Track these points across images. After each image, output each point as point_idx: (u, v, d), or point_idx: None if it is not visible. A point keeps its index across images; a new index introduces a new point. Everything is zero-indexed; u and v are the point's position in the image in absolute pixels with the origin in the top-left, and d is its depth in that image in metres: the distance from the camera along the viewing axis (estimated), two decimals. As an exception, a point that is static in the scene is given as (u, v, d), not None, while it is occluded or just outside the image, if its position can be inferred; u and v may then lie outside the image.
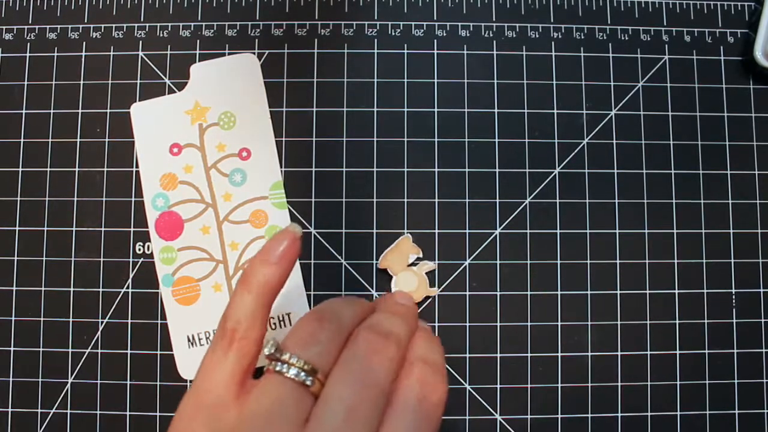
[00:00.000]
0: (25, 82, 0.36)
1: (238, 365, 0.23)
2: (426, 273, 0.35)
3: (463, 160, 0.36)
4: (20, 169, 0.36)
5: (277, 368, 0.22)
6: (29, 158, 0.36)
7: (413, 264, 0.35)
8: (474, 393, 0.34)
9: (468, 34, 0.37)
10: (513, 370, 0.35)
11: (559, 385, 0.35)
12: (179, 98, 0.36)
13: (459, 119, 0.36)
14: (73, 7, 0.37)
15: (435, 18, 0.37)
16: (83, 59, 0.36)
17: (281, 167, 0.36)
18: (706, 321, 0.35)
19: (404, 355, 0.23)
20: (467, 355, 0.35)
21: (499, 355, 0.35)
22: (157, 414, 0.34)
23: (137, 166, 0.36)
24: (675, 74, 0.37)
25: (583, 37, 0.37)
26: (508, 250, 0.35)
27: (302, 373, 0.21)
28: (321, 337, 0.22)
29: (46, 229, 0.35)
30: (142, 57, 0.36)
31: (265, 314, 0.24)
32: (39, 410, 0.34)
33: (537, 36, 0.37)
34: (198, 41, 0.37)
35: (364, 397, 0.21)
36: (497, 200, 0.36)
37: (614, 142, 0.36)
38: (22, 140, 0.36)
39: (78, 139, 0.36)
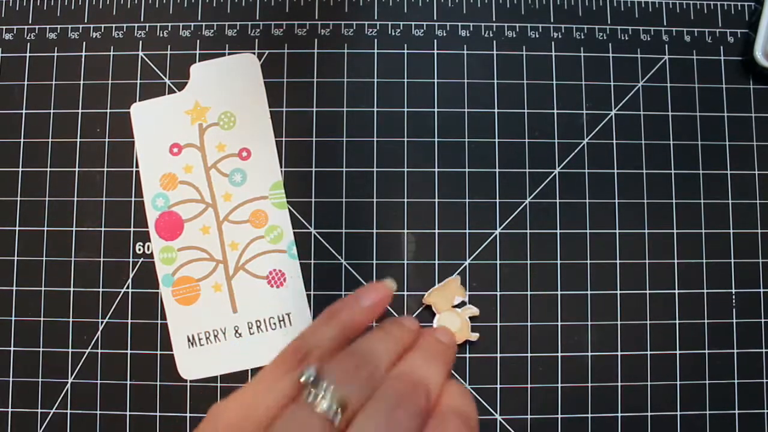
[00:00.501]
0: (25, 82, 0.36)
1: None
2: (468, 317, 0.35)
3: (463, 160, 0.36)
4: (20, 169, 0.36)
5: (309, 399, 0.22)
6: (29, 158, 0.36)
7: (458, 306, 0.35)
8: (474, 393, 0.34)
9: (468, 34, 0.37)
10: (513, 370, 0.35)
11: (559, 385, 0.34)
12: (179, 98, 0.36)
13: (459, 119, 0.36)
14: (73, 7, 0.37)
15: (435, 18, 0.37)
16: (83, 59, 0.36)
17: (281, 167, 0.36)
18: (706, 321, 0.35)
19: (434, 401, 0.24)
20: (467, 356, 0.35)
21: (499, 355, 0.35)
22: (157, 414, 0.34)
23: (137, 166, 0.36)
24: (675, 74, 0.37)
25: (583, 37, 0.37)
26: (508, 250, 0.35)
27: (333, 407, 0.21)
28: (359, 375, 0.23)
29: (46, 229, 0.35)
30: (142, 57, 0.36)
31: (339, 351, 0.24)
32: (39, 410, 0.34)
33: (537, 36, 0.37)
34: (198, 41, 0.37)
35: None
36: (497, 200, 0.36)
37: (614, 142, 0.36)
38: (22, 140, 0.36)
39: (78, 139, 0.36)
